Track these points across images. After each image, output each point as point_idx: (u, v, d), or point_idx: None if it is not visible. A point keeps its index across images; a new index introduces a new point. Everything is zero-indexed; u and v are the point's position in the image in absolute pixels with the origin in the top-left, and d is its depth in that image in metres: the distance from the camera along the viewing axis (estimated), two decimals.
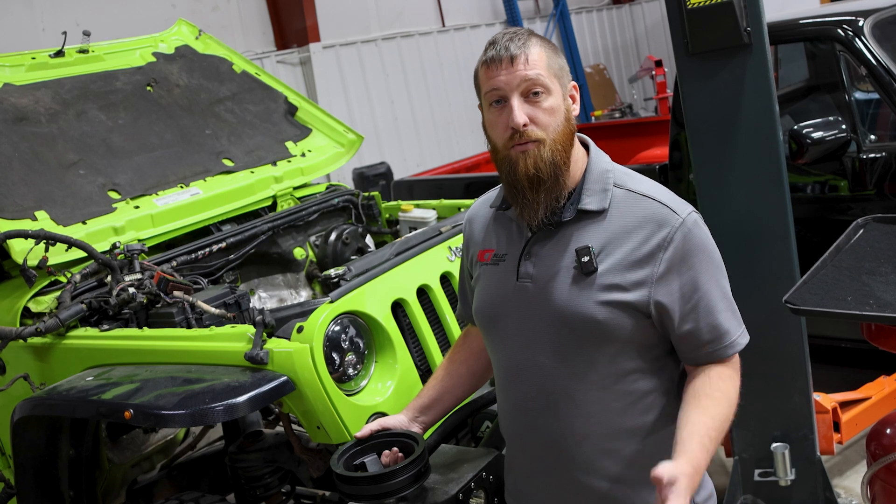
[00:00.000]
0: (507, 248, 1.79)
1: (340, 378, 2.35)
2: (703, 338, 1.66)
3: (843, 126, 3.55)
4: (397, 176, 7.58)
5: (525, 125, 1.64)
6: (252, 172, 3.71)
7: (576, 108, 1.74)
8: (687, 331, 1.65)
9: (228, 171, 3.66)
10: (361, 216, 3.84)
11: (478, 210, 1.95)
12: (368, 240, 3.77)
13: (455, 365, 2.03)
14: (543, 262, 1.71)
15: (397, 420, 1.98)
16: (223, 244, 3.32)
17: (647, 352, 1.69)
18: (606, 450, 1.70)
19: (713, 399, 1.63)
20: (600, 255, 1.66)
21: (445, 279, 2.75)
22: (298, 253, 3.65)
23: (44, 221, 3.04)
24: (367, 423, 2.15)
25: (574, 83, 1.75)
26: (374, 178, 7.82)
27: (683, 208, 1.68)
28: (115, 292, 2.73)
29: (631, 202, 1.69)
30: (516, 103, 1.64)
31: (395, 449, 1.90)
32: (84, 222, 3.13)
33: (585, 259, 1.65)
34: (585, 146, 1.79)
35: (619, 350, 1.66)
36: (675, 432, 1.63)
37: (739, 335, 1.69)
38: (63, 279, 2.93)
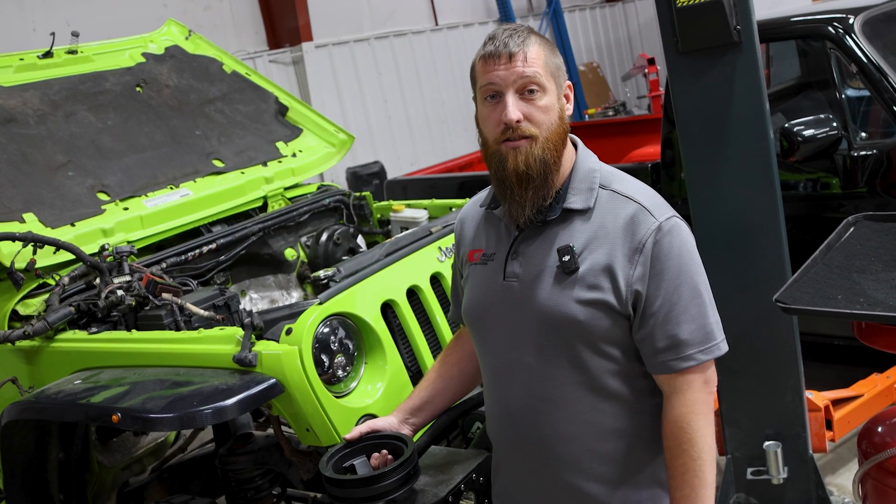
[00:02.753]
0: (495, 248, 1.79)
1: (330, 380, 2.34)
2: (658, 345, 1.64)
3: (835, 124, 3.55)
4: (391, 175, 7.58)
5: (518, 121, 1.64)
6: (242, 173, 3.69)
7: (569, 108, 1.74)
8: (643, 335, 1.64)
9: (218, 172, 3.64)
10: (353, 216, 3.83)
11: (469, 210, 1.95)
12: (360, 240, 3.76)
13: (446, 367, 2.02)
14: (529, 261, 1.71)
15: (387, 422, 1.98)
16: (213, 245, 3.30)
17: (631, 353, 1.69)
18: (593, 450, 1.69)
19: (696, 443, 1.63)
20: (582, 254, 1.65)
21: (435, 280, 2.74)
22: (289, 254, 3.64)
23: (32, 224, 3.02)
24: (356, 425, 2.14)
25: (569, 83, 1.75)
26: (368, 178, 7.82)
27: (663, 212, 1.67)
28: (103, 295, 2.71)
29: (613, 203, 1.69)
30: (511, 99, 1.64)
31: (385, 451, 1.90)
32: (73, 224, 3.11)
33: (566, 258, 1.65)
34: (574, 145, 1.78)
35: (601, 351, 1.66)
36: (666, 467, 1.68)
37: (700, 350, 1.63)
38: (51, 282, 2.91)
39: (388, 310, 2.57)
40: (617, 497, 1.71)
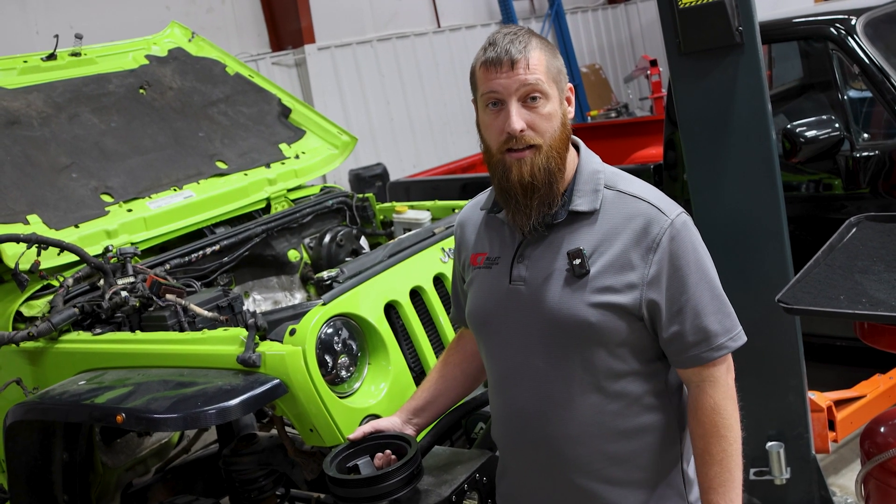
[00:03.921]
0: (499, 252, 1.79)
1: (333, 380, 2.34)
2: (689, 340, 1.65)
3: (837, 125, 3.55)
4: (393, 177, 7.59)
5: (522, 131, 1.63)
6: (246, 175, 3.70)
7: (571, 111, 1.73)
8: (673, 333, 1.65)
9: (222, 174, 3.65)
10: (356, 218, 3.83)
11: (468, 214, 1.94)
12: (363, 241, 3.77)
13: (449, 367, 2.03)
14: (536, 265, 1.71)
15: (390, 422, 1.98)
16: (217, 247, 3.30)
17: (641, 354, 1.69)
18: (602, 452, 1.69)
19: (721, 435, 1.66)
20: (592, 256, 1.65)
21: (439, 280, 2.75)
22: (293, 255, 3.64)
23: (36, 225, 3.03)
24: (359, 425, 2.14)
25: (570, 85, 1.74)
26: (371, 179, 7.83)
27: (672, 209, 1.68)
28: (107, 296, 2.72)
29: (621, 203, 1.68)
30: (514, 109, 1.63)
31: (388, 451, 1.90)
32: (77, 226, 3.12)
33: (577, 262, 1.65)
34: (576, 147, 1.78)
35: (612, 352, 1.66)
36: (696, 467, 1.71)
37: (729, 338, 1.67)
38: (55, 283, 2.92)
39: (391, 310, 2.57)
40: (627, 498, 1.71)
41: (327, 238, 3.63)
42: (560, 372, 1.68)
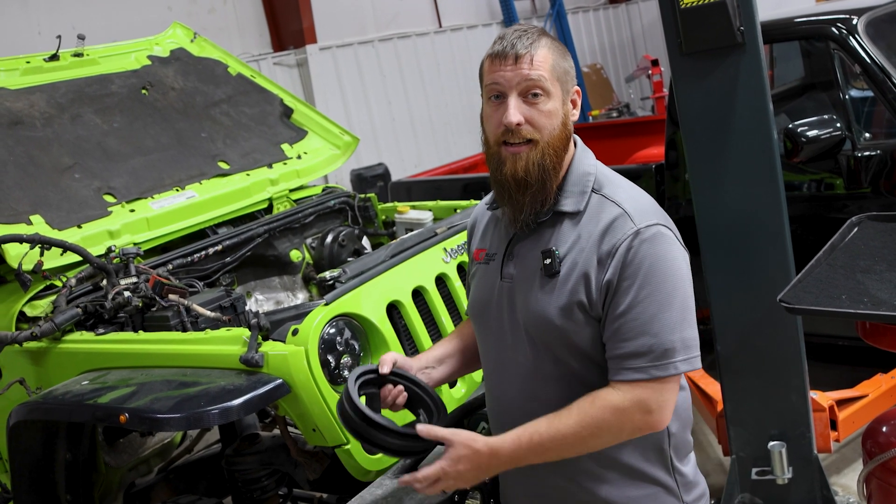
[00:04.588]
0: (496, 248, 1.82)
1: (335, 380, 2.35)
2: (615, 351, 1.61)
3: (838, 124, 3.55)
4: (395, 177, 7.58)
5: (519, 124, 1.64)
6: (248, 175, 3.71)
7: (575, 114, 1.73)
8: (605, 338, 1.62)
9: (224, 174, 3.66)
10: (358, 218, 3.84)
11: (479, 210, 1.97)
12: (365, 241, 3.77)
13: (461, 333, 2.00)
14: (521, 263, 1.73)
15: (407, 363, 1.89)
16: (219, 247, 3.31)
17: None
18: None
19: (573, 414, 1.59)
20: (566, 257, 1.66)
21: (441, 280, 2.76)
22: (295, 255, 3.65)
23: (39, 226, 3.03)
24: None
25: (577, 88, 1.73)
26: (372, 180, 7.82)
27: (644, 219, 1.63)
28: (110, 296, 2.73)
29: (600, 207, 1.68)
30: (513, 102, 1.64)
31: (401, 387, 1.83)
32: (79, 226, 3.12)
33: (548, 262, 1.66)
34: (573, 144, 1.78)
35: (581, 353, 1.67)
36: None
37: (653, 365, 1.56)
38: (58, 283, 2.93)
39: (393, 310, 2.58)
40: (608, 492, 1.72)
41: (329, 238, 3.64)
42: (539, 369, 1.70)
